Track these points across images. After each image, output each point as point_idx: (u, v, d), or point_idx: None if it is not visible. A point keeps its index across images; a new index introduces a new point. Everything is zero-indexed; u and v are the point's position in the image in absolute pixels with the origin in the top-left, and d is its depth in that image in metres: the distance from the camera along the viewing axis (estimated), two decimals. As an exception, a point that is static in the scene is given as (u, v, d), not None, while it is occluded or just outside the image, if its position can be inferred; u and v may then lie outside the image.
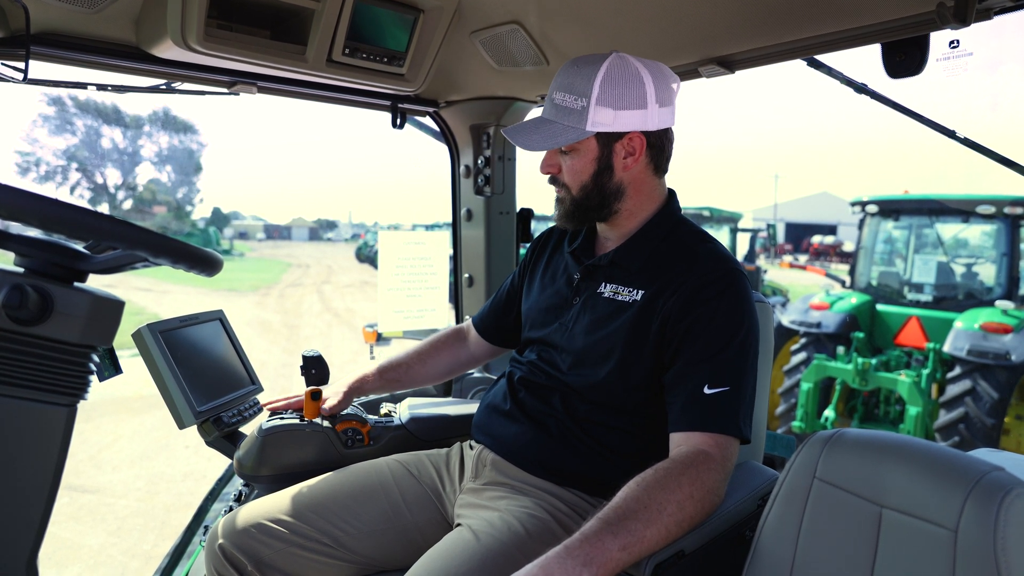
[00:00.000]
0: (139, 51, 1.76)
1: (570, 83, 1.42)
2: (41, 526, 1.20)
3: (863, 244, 8.14)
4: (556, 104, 1.44)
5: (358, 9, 1.68)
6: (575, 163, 1.47)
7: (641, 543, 1.12)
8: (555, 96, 1.45)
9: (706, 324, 1.35)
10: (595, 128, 1.41)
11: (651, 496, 1.17)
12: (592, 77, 1.39)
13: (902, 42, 1.49)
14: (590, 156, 1.46)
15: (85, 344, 1.19)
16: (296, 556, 1.48)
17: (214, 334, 1.94)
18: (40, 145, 43.71)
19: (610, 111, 1.40)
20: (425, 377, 1.94)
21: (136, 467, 6.01)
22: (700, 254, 1.45)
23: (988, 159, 1.88)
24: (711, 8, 1.55)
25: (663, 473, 1.21)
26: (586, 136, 1.42)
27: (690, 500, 1.19)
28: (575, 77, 1.41)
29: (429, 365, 1.93)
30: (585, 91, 1.40)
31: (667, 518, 1.16)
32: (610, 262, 1.52)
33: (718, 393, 1.31)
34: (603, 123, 1.41)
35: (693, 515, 1.20)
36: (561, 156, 1.49)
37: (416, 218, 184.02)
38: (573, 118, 1.42)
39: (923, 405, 6.00)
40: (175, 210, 46.85)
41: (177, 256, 1.21)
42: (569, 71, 1.43)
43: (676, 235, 1.51)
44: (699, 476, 1.22)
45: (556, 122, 1.44)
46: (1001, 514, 0.93)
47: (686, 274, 1.41)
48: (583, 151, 1.45)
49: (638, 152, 1.46)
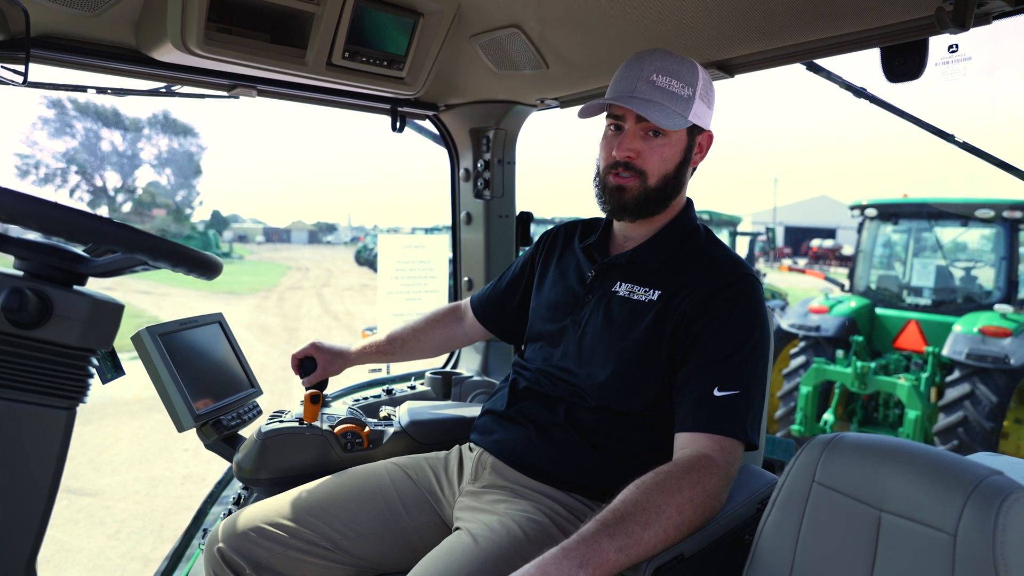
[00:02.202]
0: (139, 54, 1.76)
1: (675, 69, 1.43)
2: (40, 529, 1.20)
3: (862, 248, 8.15)
4: (659, 86, 1.42)
5: (358, 12, 1.68)
6: (666, 150, 1.46)
7: (638, 545, 1.12)
8: (657, 78, 1.42)
9: (720, 327, 1.36)
10: (694, 120, 1.44)
11: (650, 499, 1.16)
12: (695, 70, 1.45)
13: (901, 46, 1.50)
14: (680, 146, 1.47)
15: (84, 347, 1.20)
16: (295, 559, 1.48)
17: (213, 337, 1.94)
18: (40, 148, 43.76)
19: (704, 106, 1.47)
20: (418, 350, 1.98)
21: (135, 470, 6.00)
22: (718, 258, 1.47)
23: (987, 163, 1.88)
24: (710, 12, 1.55)
25: (664, 476, 1.20)
26: (688, 124, 1.44)
27: (690, 504, 1.18)
28: (678, 65, 1.43)
29: (423, 341, 1.97)
30: (692, 81, 1.43)
31: (665, 521, 1.15)
32: (628, 261, 1.52)
33: (728, 396, 1.31)
34: (699, 116, 1.46)
35: (692, 519, 1.19)
36: (646, 140, 1.45)
37: (416, 221, 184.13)
38: (680, 104, 1.42)
39: (922, 409, 6.00)
40: (174, 213, 46.80)
41: (176, 259, 1.21)
42: (668, 58, 1.44)
43: (694, 239, 1.53)
44: (700, 480, 1.21)
45: (664, 104, 1.42)
46: (1000, 518, 0.93)
47: (703, 276, 1.42)
48: (675, 140, 1.46)
49: (705, 149, 1.53)
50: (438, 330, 1.98)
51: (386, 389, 2.35)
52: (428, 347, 1.98)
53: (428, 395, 2.43)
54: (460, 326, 1.98)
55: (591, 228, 1.68)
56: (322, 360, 1.87)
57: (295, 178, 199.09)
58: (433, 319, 1.99)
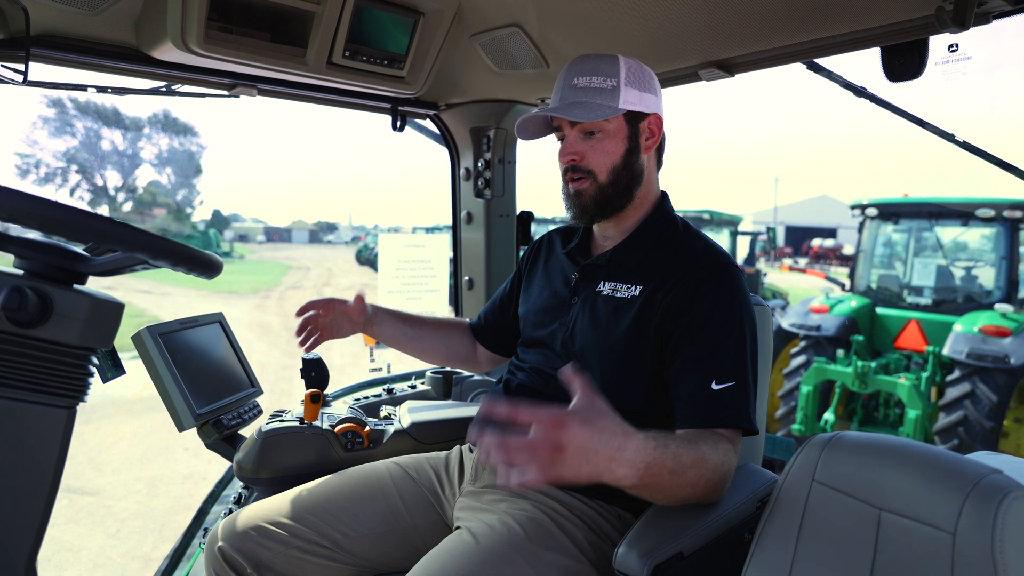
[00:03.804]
0: (139, 53, 1.76)
1: (594, 67, 1.45)
2: (40, 528, 1.20)
3: (863, 247, 8.15)
4: (580, 87, 1.46)
5: (358, 12, 1.69)
6: (606, 144, 1.47)
7: (656, 488, 1.13)
8: (578, 80, 1.46)
9: (707, 319, 1.36)
10: (626, 106, 1.45)
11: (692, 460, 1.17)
12: (615, 62, 1.46)
13: (901, 46, 1.50)
14: (621, 136, 1.48)
15: (84, 346, 1.20)
16: (295, 558, 1.48)
17: (214, 337, 1.94)
18: (40, 147, 43.75)
19: (636, 91, 1.46)
20: (427, 347, 1.91)
21: (136, 469, 6.01)
22: (696, 250, 1.47)
23: (987, 162, 1.88)
24: (711, 12, 1.55)
25: (710, 444, 1.23)
26: (619, 112, 1.45)
27: (715, 476, 1.21)
28: (597, 62, 1.46)
29: (439, 339, 1.91)
30: (612, 72, 1.45)
31: (689, 488, 1.18)
32: (608, 260, 1.53)
33: (726, 388, 1.31)
34: (632, 102, 1.46)
35: (704, 494, 1.23)
36: (586, 141, 1.48)
37: (416, 221, 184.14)
38: (604, 96, 1.44)
39: (922, 408, 6.00)
40: (175, 212, 46.80)
41: (177, 258, 1.21)
42: (586, 60, 1.48)
43: (671, 232, 1.53)
44: (724, 463, 1.24)
45: (586, 101, 1.45)
46: (999, 517, 0.93)
47: (684, 269, 1.42)
48: (613, 132, 1.47)
49: (657, 134, 1.52)
50: (451, 335, 1.94)
51: (386, 388, 2.35)
52: (434, 348, 1.92)
53: (429, 394, 2.43)
54: (467, 343, 1.95)
55: (572, 233, 1.69)
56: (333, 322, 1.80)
57: (296, 178, 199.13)
58: (450, 323, 1.97)
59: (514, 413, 0.98)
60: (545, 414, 0.99)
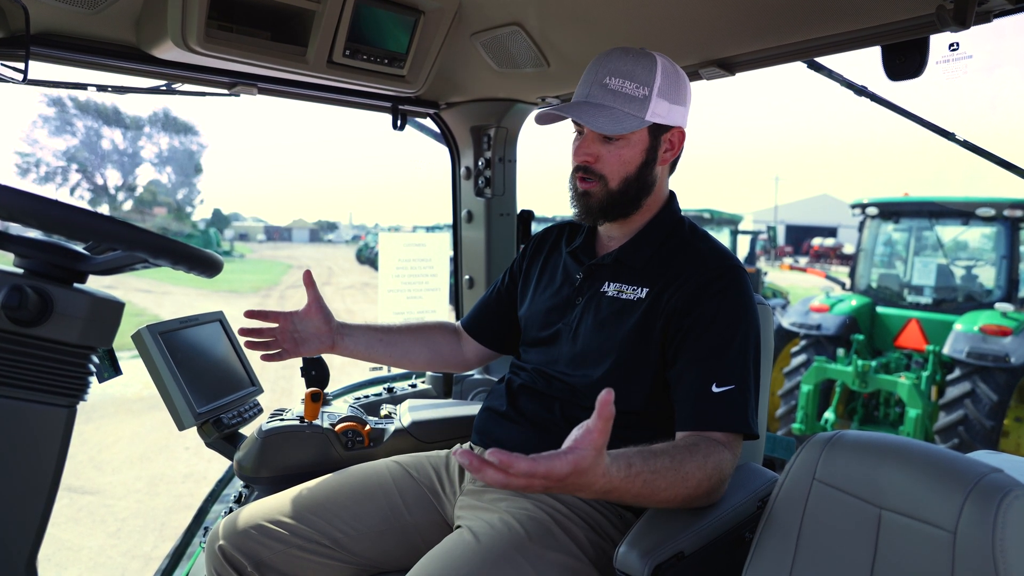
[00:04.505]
0: (139, 52, 1.76)
1: (629, 70, 1.40)
2: (40, 527, 1.20)
3: (863, 246, 8.15)
4: (611, 89, 1.40)
5: (359, 10, 1.68)
6: (624, 152, 1.44)
7: (652, 498, 1.16)
8: (609, 81, 1.40)
9: (710, 321, 1.36)
10: (653, 119, 1.41)
11: (684, 465, 1.20)
12: (653, 68, 1.40)
13: (902, 45, 1.50)
14: (641, 147, 1.45)
15: (85, 345, 1.19)
16: (296, 557, 1.48)
17: (214, 335, 1.94)
18: (40, 146, 43.73)
19: (666, 104, 1.42)
20: (406, 352, 1.78)
21: (136, 468, 6.01)
22: (703, 251, 1.46)
23: (987, 161, 1.88)
24: (711, 10, 1.55)
25: (702, 450, 1.24)
26: (645, 125, 1.41)
27: (707, 482, 1.22)
28: (633, 65, 1.40)
29: (418, 343, 1.80)
30: (647, 80, 1.39)
31: (684, 491, 1.19)
32: (614, 260, 1.52)
33: (726, 391, 1.31)
34: (660, 115, 1.42)
35: (705, 495, 1.24)
36: (604, 144, 1.44)
37: (417, 220, 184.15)
38: (634, 106, 1.40)
39: (923, 407, 6.00)
40: (175, 211, 46.82)
41: (177, 257, 1.21)
42: (623, 59, 1.41)
43: (678, 233, 1.52)
44: (720, 467, 1.25)
45: (615, 108, 1.40)
46: (1000, 516, 0.93)
47: (690, 270, 1.41)
48: (634, 141, 1.44)
49: (677, 147, 1.49)
50: (430, 339, 1.83)
51: (387, 387, 2.35)
52: (413, 354, 1.80)
53: (429, 393, 2.43)
54: (453, 344, 1.86)
55: (576, 231, 1.66)
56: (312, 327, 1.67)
57: (296, 176, 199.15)
58: (426, 327, 1.85)
59: (508, 463, 0.96)
60: (541, 471, 0.97)
